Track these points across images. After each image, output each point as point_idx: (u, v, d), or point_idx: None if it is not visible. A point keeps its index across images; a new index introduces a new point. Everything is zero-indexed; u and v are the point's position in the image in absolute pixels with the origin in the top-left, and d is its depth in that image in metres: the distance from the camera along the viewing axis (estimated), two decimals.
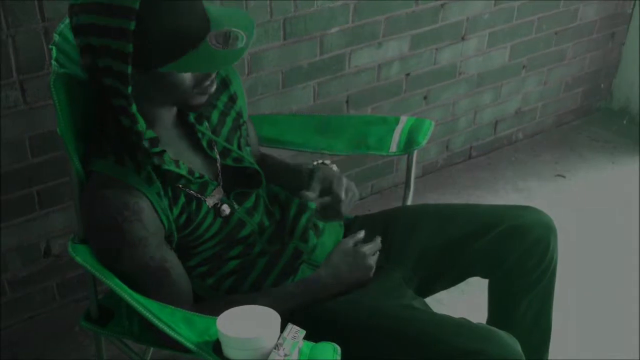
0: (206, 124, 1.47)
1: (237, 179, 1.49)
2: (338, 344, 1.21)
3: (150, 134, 1.32)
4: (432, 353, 1.32)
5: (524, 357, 1.34)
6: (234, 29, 1.25)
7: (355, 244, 1.53)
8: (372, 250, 1.53)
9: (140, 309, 1.27)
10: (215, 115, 1.50)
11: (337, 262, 1.49)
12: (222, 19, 1.27)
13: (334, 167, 1.55)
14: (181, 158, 1.38)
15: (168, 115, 1.39)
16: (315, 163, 1.56)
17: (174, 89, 1.29)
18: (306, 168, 1.58)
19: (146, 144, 1.29)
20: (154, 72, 1.25)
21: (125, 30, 1.19)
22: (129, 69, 1.22)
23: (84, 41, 1.25)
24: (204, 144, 1.44)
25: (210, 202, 1.41)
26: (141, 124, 1.29)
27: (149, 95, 1.30)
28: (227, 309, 1.20)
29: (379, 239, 1.56)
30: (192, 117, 1.43)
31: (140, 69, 1.24)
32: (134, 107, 1.26)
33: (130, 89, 1.24)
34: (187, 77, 1.29)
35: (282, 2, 2.17)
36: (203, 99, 1.35)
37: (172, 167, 1.34)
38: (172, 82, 1.28)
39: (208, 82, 1.32)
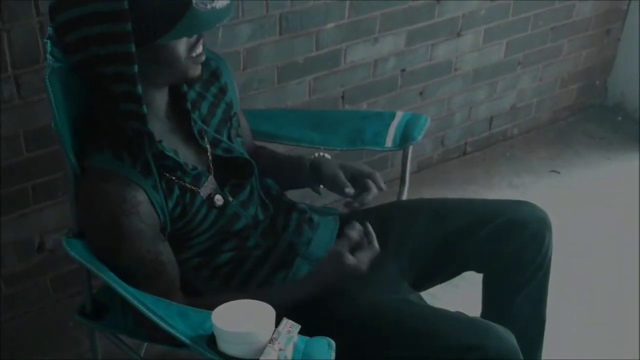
0: (197, 113, 1.48)
1: (229, 170, 1.50)
2: (334, 338, 1.22)
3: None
4: (428, 347, 1.32)
5: (520, 352, 1.34)
6: None
7: (349, 248, 1.45)
8: (369, 264, 1.45)
9: (135, 302, 1.27)
10: (204, 107, 1.51)
11: (332, 280, 1.43)
12: None
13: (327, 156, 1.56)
14: (175, 149, 1.39)
15: (161, 103, 1.39)
16: (315, 155, 1.58)
17: (170, 61, 1.31)
18: (307, 159, 1.60)
19: (150, 127, 1.30)
20: (151, 47, 1.26)
21: (120, 11, 1.21)
22: (133, 48, 1.23)
23: (76, 35, 1.25)
24: (195, 132, 1.44)
25: (203, 193, 1.42)
26: (144, 108, 1.29)
27: (146, 77, 1.30)
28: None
29: (375, 242, 1.48)
30: (188, 104, 1.44)
31: (140, 45, 1.25)
32: (139, 88, 1.27)
33: (136, 67, 1.25)
34: (181, 47, 1.30)
35: None
36: (197, 69, 1.36)
37: (172, 154, 1.36)
38: (168, 55, 1.29)
39: (199, 50, 1.34)
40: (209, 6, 1.25)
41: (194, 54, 1.33)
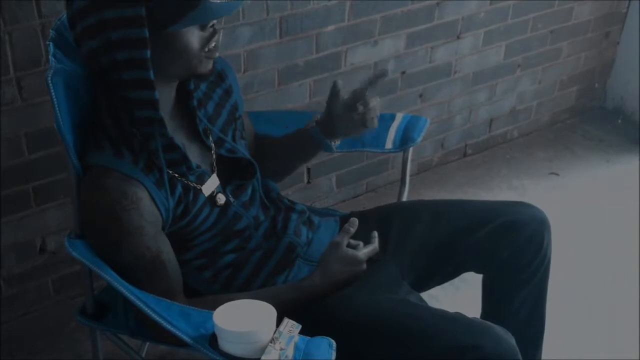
0: (203, 111, 1.48)
1: (232, 171, 1.51)
2: (334, 338, 1.22)
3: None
4: (427, 347, 1.33)
5: (518, 352, 1.35)
6: None
7: (349, 244, 1.51)
8: (367, 256, 1.50)
9: (137, 301, 1.28)
10: (210, 106, 1.52)
11: (333, 269, 1.47)
12: None
13: None
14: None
15: (168, 100, 1.40)
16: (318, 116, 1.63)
17: (183, 52, 1.31)
18: (310, 122, 1.63)
19: (161, 114, 1.31)
20: (165, 35, 1.27)
21: None
22: (146, 33, 1.24)
23: (94, 19, 1.26)
24: (200, 130, 1.45)
25: (206, 191, 1.42)
26: (157, 94, 1.29)
27: (158, 68, 1.30)
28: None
29: (376, 241, 1.54)
30: (194, 102, 1.45)
31: (153, 32, 1.25)
32: (151, 74, 1.27)
33: (148, 53, 1.25)
34: (194, 39, 1.30)
35: (279, 0, 2.18)
36: (209, 65, 1.37)
37: (181, 145, 1.37)
38: (181, 44, 1.30)
39: (213, 44, 1.34)
40: None
41: (207, 48, 1.33)
